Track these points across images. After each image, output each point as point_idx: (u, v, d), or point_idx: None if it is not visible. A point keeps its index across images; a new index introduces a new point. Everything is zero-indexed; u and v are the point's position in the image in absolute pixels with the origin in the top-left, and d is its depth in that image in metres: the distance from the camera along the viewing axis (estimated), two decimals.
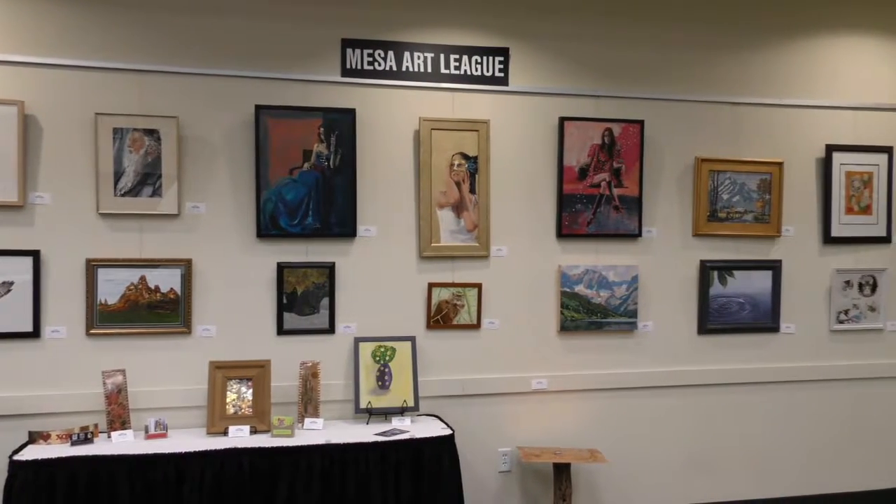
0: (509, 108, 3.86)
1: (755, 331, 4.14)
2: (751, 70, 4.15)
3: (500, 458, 3.84)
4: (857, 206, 4.23)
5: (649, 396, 4.02)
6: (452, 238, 3.76)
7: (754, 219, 4.11)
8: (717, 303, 4.08)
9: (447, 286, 3.76)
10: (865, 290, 4.26)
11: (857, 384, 4.26)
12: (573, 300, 3.89)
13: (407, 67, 3.72)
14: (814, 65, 4.23)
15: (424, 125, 3.71)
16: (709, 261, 4.06)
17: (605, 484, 3.96)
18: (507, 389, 3.85)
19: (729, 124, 4.11)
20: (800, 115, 4.19)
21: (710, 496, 4.09)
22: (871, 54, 4.30)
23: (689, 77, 4.07)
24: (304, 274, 3.60)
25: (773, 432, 4.17)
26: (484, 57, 3.81)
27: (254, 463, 3.07)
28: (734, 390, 4.12)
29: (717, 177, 4.05)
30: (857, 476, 4.27)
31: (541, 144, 3.89)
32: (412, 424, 3.47)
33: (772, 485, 4.17)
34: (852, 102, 4.25)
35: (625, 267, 3.94)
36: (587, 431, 3.95)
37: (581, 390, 3.93)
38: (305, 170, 3.58)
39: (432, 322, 3.76)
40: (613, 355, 3.98)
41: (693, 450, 4.08)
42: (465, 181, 3.76)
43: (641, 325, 4.01)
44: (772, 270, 4.13)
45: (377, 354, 3.62)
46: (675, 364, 4.06)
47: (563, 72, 3.92)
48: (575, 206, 3.89)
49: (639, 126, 3.92)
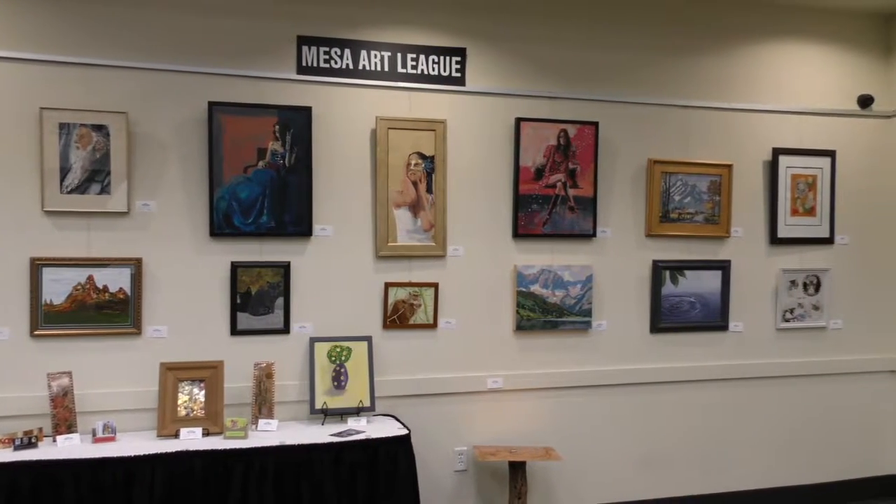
0: (466, 108, 3.87)
1: (705, 329, 4.24)
2: (701, 74, 4.25)
3: (455, 457, 3.86)
4: (802, 207, 4.36)
5: (603, 394, 4.08)
6: (409, 238, 3.76)
7: (705, 220, 4.20)
8: (669, 302, 4.17)
9: (404, 286, 3.76)
10: (810, 289, 4.40)
11: (801, 381, 4.40)
12: (529, 300, 3.93)
13: (364, 66, 3.70)
14: (761, 70, 4.35)
15: (381, 124, 3.70)
16: (661, 261, 4.14)
17: (560, 481, 4.01)
18: (464, 389, 3.86)
19: (680, 127, 4.20)
20: (748, 118, 4.31)
21: (661, 492, 4.18)
22: (814, 61, 4.44)
23: (642, 80, 4.15)
24: (258, 273, 3.56)
25: (721, 428, 4.28)
26: (441, 57, 3.82)
27: (206, 465, 3.02)
28: (685, 388, 4.21)
29: (669, 178, 4.14)
30: (801, 470, 4.41)
31: (497, 145, 3.92)
32: (368, 425, 3.45)
33: (720, 480, 4.27)
34: (797, 107, 4.38)
35: (580, 267, 3.99)
36: (542, 429, 3.99)
37: (536, 389, 3.97)
38: (260, 168, 3.53)
39: (389, 322, 3.75)
40: (568, 354, 4.03)
41: (645, 446, 4.16)
42: (421, 181, 3.76)
43: (596, 324, 4.06)
44: (721, 270, 4.23)
45: (333, 354, 3.60)
46: (628, 362, 4.13)
47: (520, 73, 3.96)
48: (531, 207, 3.93)
49: (593, 128, 3.98)
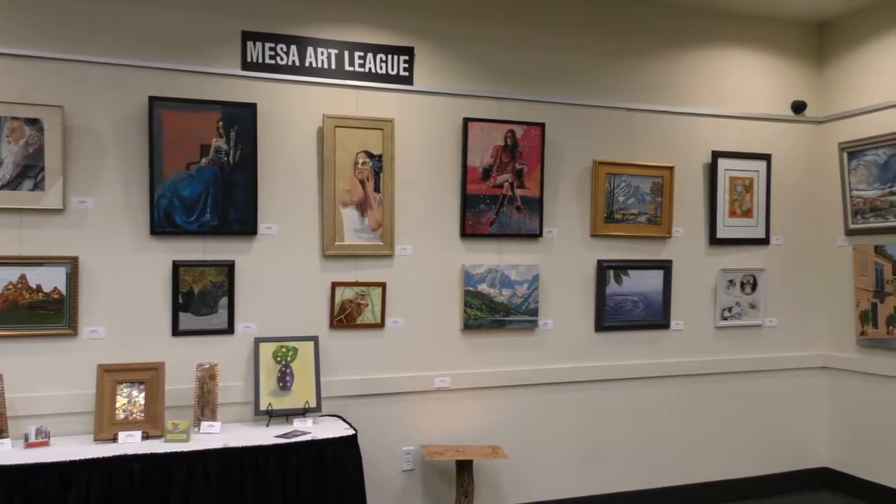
0: (414, 107, 3.87)
1: (648, 328, 4.34)
2: (645, 78, 4.34)
3: (403, 456, 3.85)
4: (740, 209, 4.51)
5: (549, 392, 4.14)
6: (356, 237, 3.74)
7: (647, 220, 4.30)
8: (613, 301, 4.25)
9: (351, 285, 3.73)
10: (746, 288, 4.54)
11: (738, 377, 4.54)
12: (476, 299, 3.95)
13: (311, 63, 3.66)
14: (701, 75, 4.48)
15: (328, 122, 3.66)
16: (605, 260, 4.22)
17: (506, 479, 4.04)
18: (411, 388, 3.86)
19: (625, 129, 4.29)
20: (689, 122, 4.43)
21: (605, 487, 4.25)
22: (752, 67, 4.59)
23: (588, 82, 4.22)
24: (201, 273, 3.48)
25: (662, 424, 4.38)
26: (389, 55, 3.80)
27: (146, 470, 2.94)
28: (628, 385, 4.30)
29: (613, 180, 4.22)
30: (738, 464, 4.55)
31: (445, 144, 3.93)
32: (314, 425, 3.42)
33: (661, 474, 4.37)
34: (735, 111, 4.53)
35: (526, 266, 4.04)
36: (489, 428, 4.02)
37: (483, 388, 3.99)
38: (203, 165, 3.46)
39: (336, 321, 3.72)
40: (515, 353, 4.07)
41: (589, 443, 4.22)
42: (369, 179, 3.75)
43: (542, 323, 4.11)
44: (663, 270, 4.34)
45: (278, 355, 3.55)
46: (574, 361, 4.19)
47: (468, 73, 3.98)
48: (478, 207, 3.95)
49: (540, 129, 4.02)
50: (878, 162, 4.24)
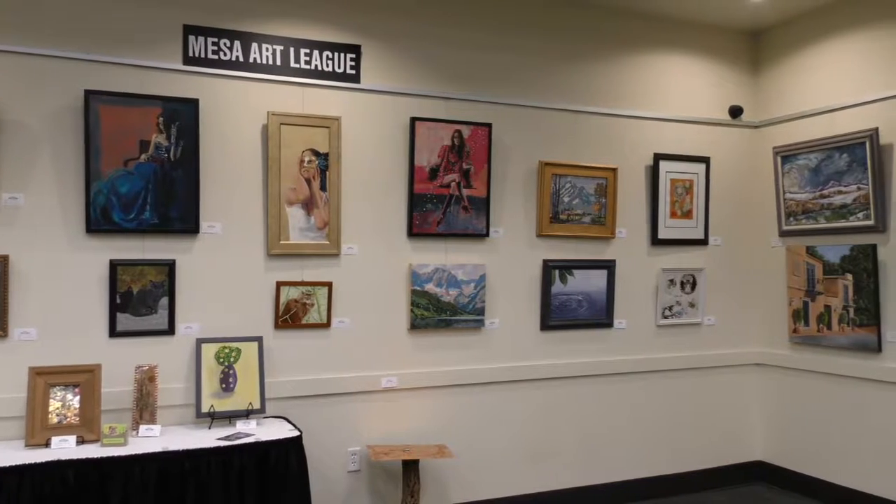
0: (361, 105, 3.85)
1: (592, 326, 4.41)
2: (589, 80, 4.42)
3: (349, 457, 3.82)
4: (680, 210, 4.63)
5: (495, 391, 4.17)
6: (302, 236, 3.69)
7: (592, 221, 4.38)
8: (558, 300, 4.31)
9: (296, 285, 3.69)
10: (686, 288, 4.67)
11: (678, 374, 4.66)
12: (423, 298, 3.95)
13: (255, 59, 3.61)
14: (644, 79, 4.58)
15: (273, 119, 3.61)
16: (551, 260, 4.28)
17: (453, 478, 4.06)
18: (357, 388, 3.83)
19: (570, 130, 4.35)
20: (632, 124, 4.52)
21: (550, 484, 4.30)
22: (692, 72, 4.72)
23: (534, 83, 4.26)
24: (140, 272, 3.39)
25: (606, 421, 4.46)
26: (335, 53, 3.77)
27: (81, 475, 2.84)
28: (572, 383, 4.36)
29: (559, 180, 4.27)
30: (678, 459, 4.66)
31: (392, 144, 3.92)
32: (258, 427, 3.36)
33: (604, 470, 4.45)
34: (676, 115, 4.65)
35: (473, 266, 4.06)
36: (436, 427, 4.02)
37: (430, 387, 4.00)
38: (143, 161, 3.36)
39: (281, 321, 3.67)
40: (461, 352, 4.08)
41: (535, 441, 4.27)
42: (315, 178, 3.71)
43: (488, 322, 4.14)
44: (607, 270, 4.42)
45: (221, 356, 3.48)
46: (520, 359, 4.23)
47: (415, 72, 3.98)
48: (425, 206, 3.95)
49: (487, 129, 4.05)
50: (810, 166, 4.41)
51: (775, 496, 4.59)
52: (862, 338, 4.14)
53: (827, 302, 4.33)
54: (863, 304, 4.12)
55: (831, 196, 4.29)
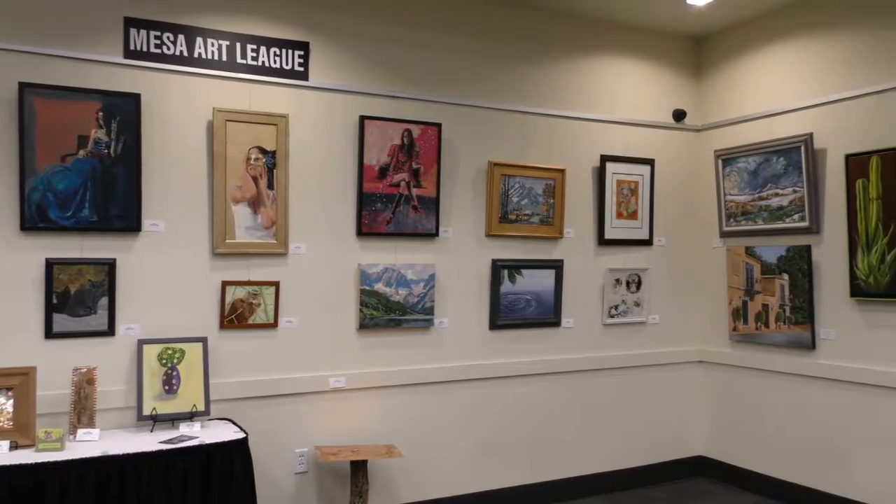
0: (309, 103, 3.81)
1: (540, 325, 4.46)
2: (538, 82, 4.47)
3: (296, 459, 3.78)
4: (626, 211, 4.72)
5: (444, 390, 4.18)
6: (249, 235, 3.63)
7: (540, 221, 4.42)
8: (507, 300, 4.34)
9: (243, 284, 3.63)
10: (632, 287, 4.76)
11: (624, 372, 4.75)
12: (372, 298, 3.93)
13: (199, 54, 3.53)
14: (591, 82, 4.65)
15: (219, 116, 3.54)
16: (500, 260, 4.31)
17: (402, 478, 4.05)
18: (305, 389, 3.79)
19: (519, 131, 4.39)
20: (579, 126, 4.59)
21: (500, 482, 4.33)
22: (637, 75, 4.82)
23: (484, 84, 4.29)
24: (78, 271, 3.28)
25: (553, 419, 4.52)
26: (283, 50, 3.72)
27: (14, 482, 2.73)
28: (521, 382, 4.40)
29: (508, 181, 4.31)
30: (624, 454, 4.75)
31: (341, 142, 3.89)
32: (202, 430, 3.29)
33: (552, 468, 4.51)
34: (622, 118, 4.73)
35: (422, 265, 4.06)
36: (385, 427, 4.01)
37: (379, 387, 3.98)
38: (81, 157, 3.26)
39: (226, 322, 3.60)
40: (411, 351, 4.08)
41: (484, 440, 4.30)
42: (262, 176, 3.65)
43: (438, 321, 4.15)
44: (555, 269, 4.48)
45: (164, 357, 3.39)
46: (469, 359, 4.25)
47: (365, 70, 3.95)
48: (375, 205, 3.93)
49: (437, 129, 4.06)
50: (749, 169, 4.55)
51: (715, 490, 4.72)
52: (797, 335, 4.30)
53: (765, 301, 4.48)
54: (798, 303, 4.27)
55: (769, 198, 4.44)
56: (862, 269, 3.94)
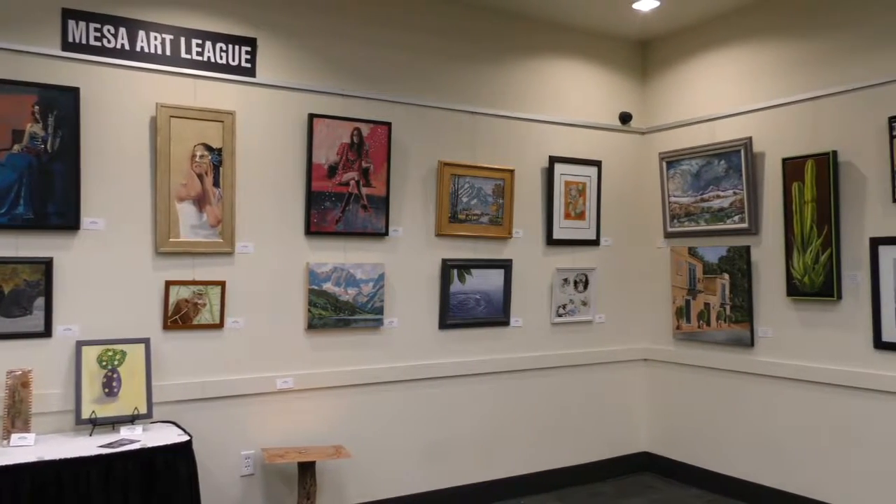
0: (257, 100, 3.75)
1: (489, 325, 4.49)
2: (488, 83, 4.50)
3: (242, 461, 3.71)
4: (574, 212, 4.79)
5: (394, 390, 4.17)
6: (194, 233, 3.56)
7: (490, 221, 4.46)
8: (457, 299, 4.36)
9: (187, 284, 3.55)
10: (579, 287, 4.84)
11: (571, 370, 4.82)
12: (321, 298, 3.90)
13: (142, 48, 3.44)
14: (540, 84, 4.71)
15: (162, 112, 3.46)
16: (450, 259, 4.32)
17: (351, 478, 4.02)
18: (252, 390, 3.73)
19: (469, 132, 4.41)
20: (528, 127, 4.64)
21: (450, 481, 4.34)
22: (585, 78, 4.90)
23: (434, 84, 4.30)
24: (12, 270, 3.16)
25: (502, 418, 4.55)
26: (230, 45, 3.66)
27: None
28: (471, 381, 4.43)
29: (457, 180, 4.33)
30: (573, 451, 4.82)
31: (290, 140, 3.84)
32: (144, 433, 3.21)
33: (501, 466, 4.54)
34: (570, 119, 4.81)
35: (372, 265, 4.04)
36: (334, 428, 3.98)
37: (328, 388, 3.95)
38: (15, 152, 3.14)
39: (170, 322, 3.52)
40: (360, 352, 4.06)
41: (433, 439, 4.30)
42: (208, 174, 3.58)
43: (387, 321, 4.13)
44: (504, 269, 4.51)
45: (104, 359, 3.30)
46: (418, 358, 4.25)
47: (314, 68, 3.92)
48: (324, 204, 3.90)
49: (387, 128, 4.05)
50: (692, 171, 4.68)
51: (659, 485, 4.83)
52: (737, 333, 4.43)
53: (706, 300, 4.61)
54: (738, 302, 4.41)
55: (711, 200, 4.57)
56: (797, 270, 4.08)
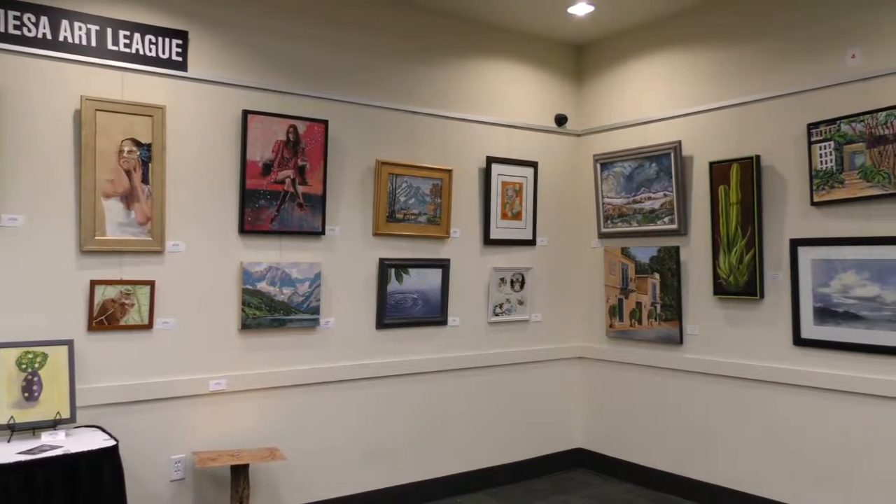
0: (188, 95, 3.66)
1: (427, 324, 4.50)
2: (426, 82, 4.50)
3: (172, 466, 3.61)
4: (511, 212, 4.85)
5: (331, 391, 4.13)
6: (121, 231, 3.45)
7: (427, 221, 4.46)
8: (394, 298, 4.35)
9: (114, 284, 3.43)
10: (516, 286, 4.90)
11: (508, 369, 4.87)
12: (255, 298, 3.83)
13: (66, 38, 3.31)
14: (478, 85, 4.74)
15: (87, 105, 3.33)
16: (387, 259, 4.31)
17: (286, 481, 3.97)
18: (183, 392, 3.64)
19: (407, 131, 4.41)
20: (466, 128, 4.67)
21: (388, 481, 4.33)
22: (523, 80, 4.97)
23: (372, 82, 4.28)
24: None
25: (440, 417, 4.57)
26: (159, 38, 3.56)
27: None
28: (408, 380, 4.42)
29: (395, 180, 4.32)
30: (509, 449, 4.87)
31: (223, 136, 3.76)
32: (68, 438, 3.09)
33: (440, 465, 4.56)
34: (507, 120, 4.86)
35: (308, 264, 3.99)
36: (269, 430, 3.91)
37: (263, 389, 3.88)
38: None
39: (95, 323, 3.40)
40: (296, 352, 4.00)
41: (371, 439, 4.28)
42: (136, 170, 3.47)
43: (324, 321, 4.09)
44: (441, 268, 4.53)
45: (23, 362, 3.16)
46: (355, 358, 4.22)
47: (248, 63, 3.84)
48: (259, 202, 3.83)
49: (323, 125, 4.00)
50: (625, 173, 4.79)
51: (593, 480, 4.93)
52: (666, 331, 4.56)
53: (638, 299, 4.73)
54: (668, 301, 4.54)
55: (642, 202, 4.69)
56: (723, 269, 4.24)
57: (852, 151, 3.66)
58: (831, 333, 3.77)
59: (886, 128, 3.53)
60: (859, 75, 3.69)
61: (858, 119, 3.63)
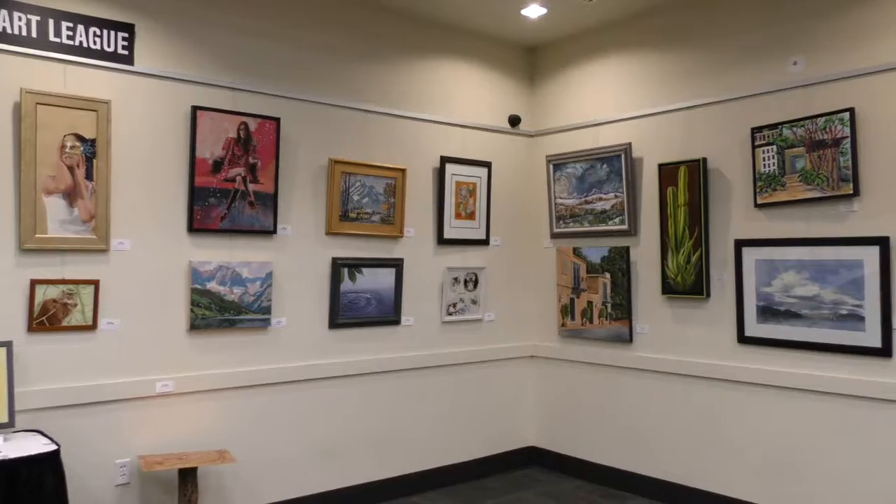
0: (135, 89, 3.57)
1: (380, 324, 4.48)
2: (380, 82, 4.49)
3: (117, 470, 3.52)
4: (465, 212, 4.86)
5: (282, 392, 4.08)
6: (63, 229, 3.34)
7: (381, 220, 4.45)
8: (347, 298, 4.32)
9: (56, 283, 3.32)
10: (469, 285, 4.92)
11: (462, 368, 4.89)
12: (204, 297, 3.76)
13: (4, 28, 3.19)
14: (432, 84, 4.75)
15: (28, 98, 3.22)
16: (340, 258, 4.28)
17: (236, 483, 3.90)
18: (128, 395, 3.54)
19: (360, 130, 4.39)
20: (420, 127, 4.67)
21: (341, 482, 4.29)
22: (477, 81, 4.99)
23: (325, 81, 4.24)
24: None
25: (394, 417, 4.56)
26: (105, 30, 3.46)
27: None
28: (361, 380, 4.40)
29: (348, 178, 4.29)
30: (463, 448, 4.89)
31: (171, 133, 3.68)
32: (6, 443, 2.98)
33: (396, 464, 4.54)
34: (461, 120, 4.88)
35: (259, 263, 3.94)
36: (219, 432, 3.84)
37: (212, 390, 3.81)
38: None
39: (36, 324, 3.29)
40: (246, 352, 3.94)
41: (324, 439, 4.24)
42: (80, 166, 3.37)
43: (275, 321, 4.04)
44: (395, 268, 4.52)
45: None
46: (308, 358, 4.18)
47: (198, 58, 3.77)
48: (208, 200, 3.76)
49: (275, 123, 3.95)
50: (577, 174, 4.86)
51: (545, 478, 4.98)
52: (617, 330, 4.64)
53: (589, 298, 4.80)
54: (618, 300, 4.62)
55: (594, 202, 4.76)
56: (671, 269, 4.33)
57: (793, 155, 3.79)
58: (773, 331, 3.89)
59: (825, 133, 3.66)
60: (801, 81, 3.82)
61: (799, 124, 3.76)
